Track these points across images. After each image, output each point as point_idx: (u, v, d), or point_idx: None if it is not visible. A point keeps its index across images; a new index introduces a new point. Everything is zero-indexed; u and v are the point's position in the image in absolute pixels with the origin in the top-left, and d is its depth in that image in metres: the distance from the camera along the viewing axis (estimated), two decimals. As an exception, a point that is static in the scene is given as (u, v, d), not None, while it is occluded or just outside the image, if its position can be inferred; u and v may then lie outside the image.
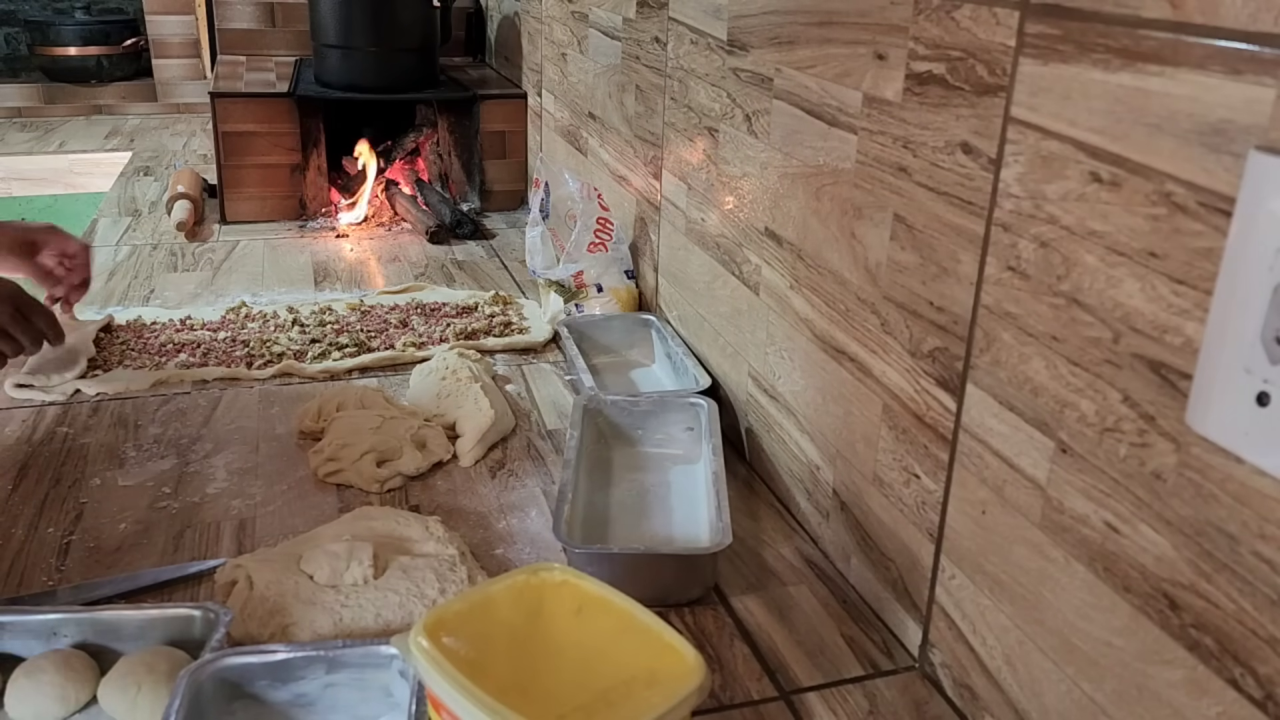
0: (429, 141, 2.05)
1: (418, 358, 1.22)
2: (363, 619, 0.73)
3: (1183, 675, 0.51)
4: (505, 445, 1.05)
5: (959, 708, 0.71)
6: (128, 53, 3.00)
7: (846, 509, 0.85)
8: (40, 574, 0.81)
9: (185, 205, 1.73)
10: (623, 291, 1.32)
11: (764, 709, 0.71)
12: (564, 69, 1.66)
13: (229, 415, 1.08)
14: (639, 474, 0.98)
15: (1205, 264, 0.48)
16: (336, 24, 1.82)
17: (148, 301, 1.40)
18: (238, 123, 1.74)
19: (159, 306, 1.37)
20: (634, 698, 0.52)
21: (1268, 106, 0.44)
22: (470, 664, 0.53)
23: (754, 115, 0.96)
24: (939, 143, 0.68)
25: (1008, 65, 0.60)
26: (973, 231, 0.65)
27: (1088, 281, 0.55)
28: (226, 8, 2.22)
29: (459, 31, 2.30)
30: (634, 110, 1.32)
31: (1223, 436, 0.47)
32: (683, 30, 1.12)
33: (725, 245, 1.05)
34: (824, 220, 0.84)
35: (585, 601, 0.59)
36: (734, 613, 0.81)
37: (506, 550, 0.87)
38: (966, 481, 0.68)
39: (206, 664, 0.64)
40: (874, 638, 0.79)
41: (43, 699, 0.65)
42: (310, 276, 1.53)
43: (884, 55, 0.73)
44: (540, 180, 1.38)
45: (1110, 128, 0.53)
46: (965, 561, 0.69)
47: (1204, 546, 0.49)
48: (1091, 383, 0.56)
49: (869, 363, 0.79)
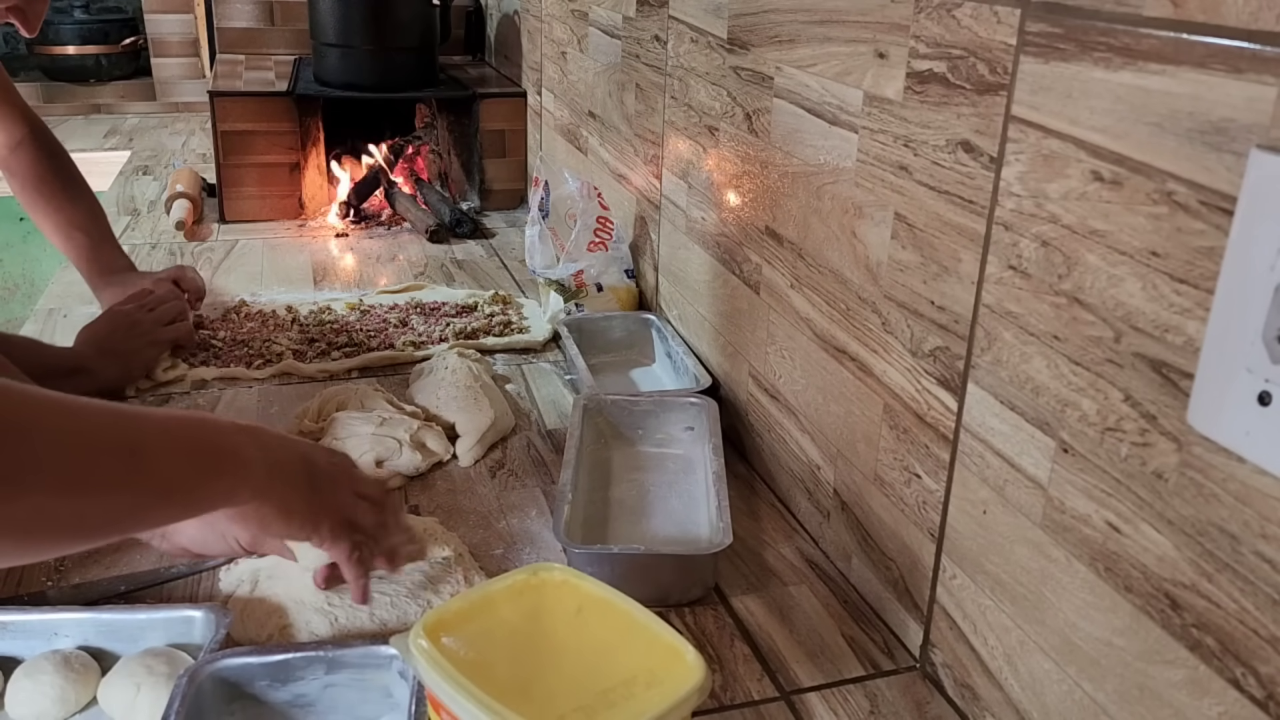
0: (427, 146, 2.05)
1: (417, 357, 1.22)
2: (358, 619, 0.73)
3: (1184, 675, 0.51)
4: (505, 445, 1.05)
5: (960, 708, 0.71)
6: (127, 52, 3.00)
7: (847, 509, 0.85)
8: (39, 574, 0.81)
9: (184, 204, 1.73)
10: (623, 291, 1.32)
11: (764, 709, 0.71)
12: (564, 67, 1.66)
13: (228, 415, 1.08)
14: (639, 474, 0.97)
15: (1207, 263, 0.47)
16: (336, 23, 1.81)
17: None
18: (237, 122, 1.74)
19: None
20: (634, 698, 0.52)
21: (1269, 105, 0.44)
22: (470, 664, 0.53)
23: (754, 114, 0.96)
24: (940, 141, 0.68)
25: (1009, 64, 0.60)
26: (974, 230, 0.65)
27: (1089, 280, 0.55)
28: (225, 6, 2.22)
29: (458, 30, 2.30)
30: (634, 109, 1.31)
31: (1224, 436, 0.47)
32: (683, 29, 1.12)
33: (726, 244, 1.05)
34: (825, 219, 0.84)
35: (585, 601, 0.59)
36: (734, 613, 0.81)
37: (506, 550, 0.87)
38: (968, 481, 0.68)
39: (206, 664, 0.64)
40: (875, 638, 0.78)
41: (43, 699, 0.65)
42: (309, 276, 1.53)
43: (885, 54, 0.73)
44: (540, 179, 1.38)
45: (1111, 126, 0.53)
46: (966, 561, 0.69)
47: (1205, 546, 0.49)
48: (1093, 382, 0.56)
49: (870, 362, 0.79)
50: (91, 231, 1.30)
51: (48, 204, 1.29)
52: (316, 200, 1.83)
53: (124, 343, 1.13)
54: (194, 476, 0.60)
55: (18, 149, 1.28)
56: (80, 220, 1.29)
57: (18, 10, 0.99)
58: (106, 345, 1.12)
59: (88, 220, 1.30)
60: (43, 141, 1.30)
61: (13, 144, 1.28)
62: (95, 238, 1.30)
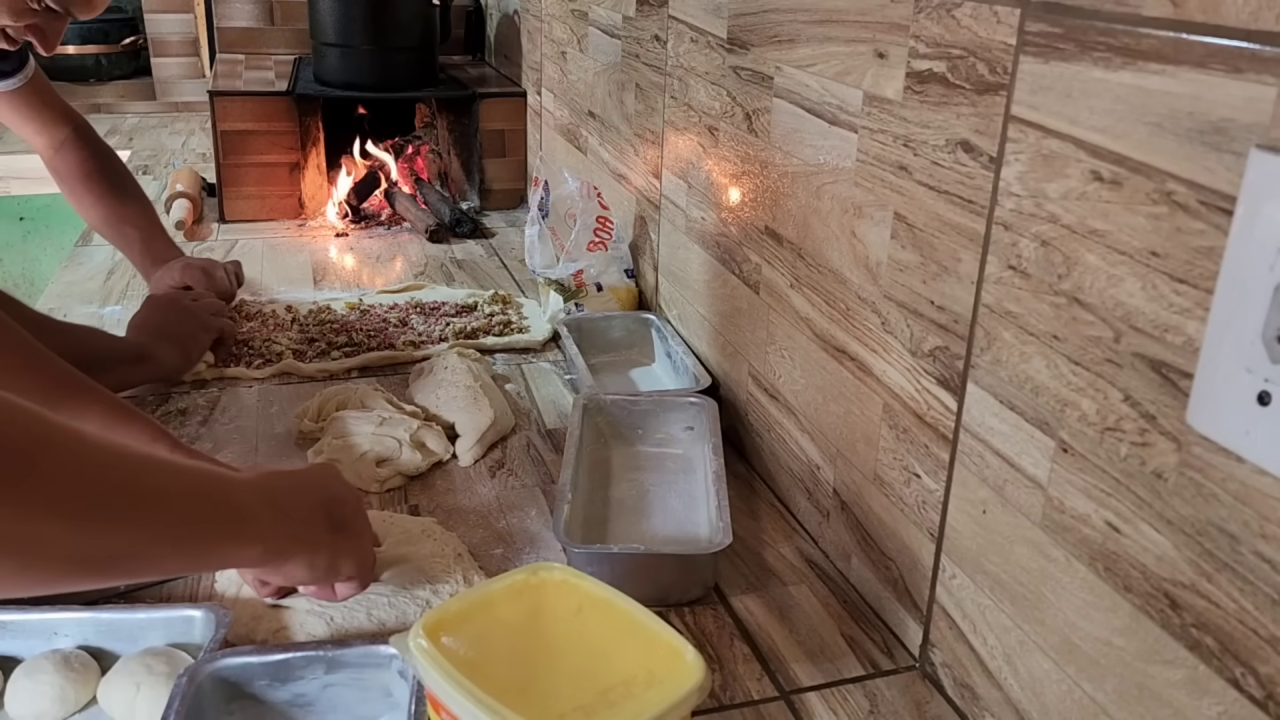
0: (427, 146, 2.05)
1: (417, 357, 1.22)
2: (355, 619, 0.73)
3: (1183, 675, 0.51)
4: (505, 445, 1.05)
5: (959, 707, 0.71)
6: (126, 51, 3.00)
7: (847, 508, 0.85)
8: (39, 574, 0.81)
9: (184, 204, 1.73)
10: (623, 290, 1.32)
11: (764, 709, 0.71)
12: (564, 67, 1.66)
13: (228, 415, 1.08)
14: (639, 474, 0.97)
15: (1206, 263, 0.48)
16: (335, 22, 1.81)
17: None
18: (236, 121, 1.74)
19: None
20: (634, 698, 0.52)
21: (1269, 105, 0.44)
22: (470, 664, 0.53)
23: (754, 114, 0.96)
24: (939, 141, 0.68)
25: (1008, 64, 0.60)
26: (973, 230, 0.65)
27: (1089, 280, 0.55)
28: (225, 6, 2.22)
29: (458, 30, 2.30)
30: (634, 108, 1.31)
31: (1224, 436, 0.47)
32: (683, 28, 1.12)
33: (725, 244, 1.05)
34: (824, 219, 0.84)
35: (585, 601, 0.59)
36: (734, 613, 0.81)
37: (506, 550, 0.87)
38: (967, 481, 0.68)
39: (205, 664, 0.64)
40: (874, 637, 0.79)
41: (43, 699, 0.65)
42: (309, 275, 1.53)
43: (884, 53, 0.73)
44: (540, 179, 1.38)
45: (1111, 126, 0.53)
46: (966, 561, 0.69)
47: (1205, 546, 0.49)
48: (1092, 382, 0.56)
49: (869, 362, 0.79)
50: (143, 225, 1.32)
51: (97, 201, 1.30)
52: (316, 200, 1.83)
53: (179, 328, 1.14)
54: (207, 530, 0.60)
55: (62, 149, 1.29)
56: (131, 215, 1.32)
57: (37, 29, 0.99)
58: (163, 331, 1.12)
59: (138, 215, 1.33)
60: (87, 140, 1.31)
61: (56, 145, 1.30)
62: (147, 232, 1.32)
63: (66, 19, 1.01)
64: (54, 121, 1.29)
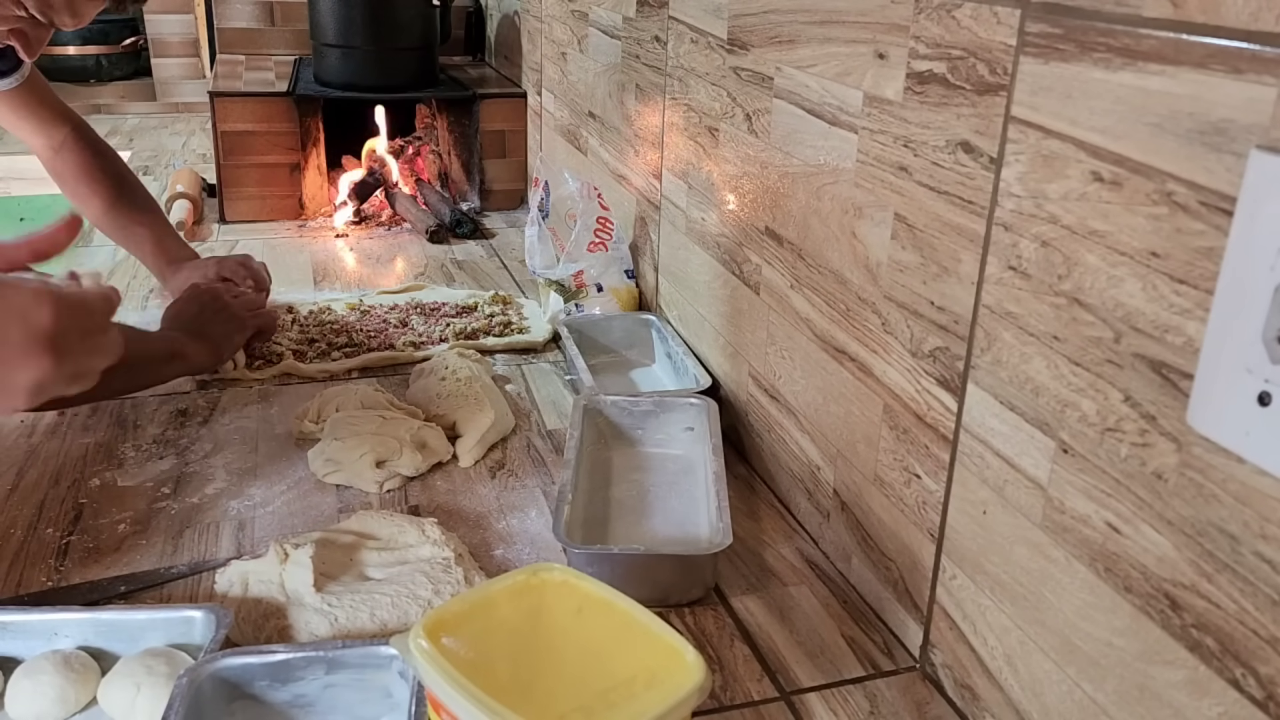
0: (427, 146, 2.05)
1: (417, 358, 1.22)
2: (358, 620, 0.73)
3: (1184, 676, 0.51)
4: (505, 445, 1.05)
5: (960, 708, 0.71)
6: (127, 52, 3.01)
7: (847, 509, 0.85)
8: (39, 574, 0.81)
9: (184, 205, 1.73)
10: (623, 291, 1.32)
11: (764, 709, 0.71)
12: (564, 68, 1.66)
13: (228, 415, 1.08)
14: (639, 474, 0.97)
15: (1206, 263, 0.48)
16: (336, 23, 1.82)
17: (147, 302, 1.40)
18: (237, 122, 1.74)
19: (158, 307, 1.37)
20: (634, 698, 0.52)
21: (1269, 106, 0.44)
22: (470, 664, 0.53)
23: (754, 114, 0.96)
24: (940, 142, 0.68)
25: (1009, 64, 0.60)
26: (974, 231, 0.65)
27: (1089, 281, 0.55)
28: (225, 6, 2.22)
29: (458, 30, 2.30)
30: (634, 109, 1.31)
31: (1224, 436, 0.47)
32: (683, 29, 1.12)
33: (725, 245, 1.05)
34: (824, 220, 0.84)
35: (585, 602, 0.59)
36: (734, 613, 0.81)
37: (506, 550, 0.87)
38: (967, 481, 0.68)
39: (206, 664, 0.64)
40: (875, 638, 0.79)
41: (43, 699, 0.65)
42: (309, 276, 1.53)
43: (885, 54, 0.73)
44: (540, 179, 1.38)
45: (1111, 127, 0.53)
46: (966, 562, 0.69)
47: (1205, 547, 0.49)
48: (1093, 382, 0.56)
49: (870, 362, 0.79)
50: (152, 225, 1.32)
51: (102, 202, 1.29)
52: (316, 200, 1.83)
53: (213, 325, 1.14)
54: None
55: (62, 149, 1.28)
56: (138, 215, 1.31)
57: (20, 34, 0.98)
58: (195, 328, 1.12)
59: (145, 214, 1.32)
60: (87, 140, 1.30)
61: (56, 146, 1.28)
62: (157, 231, 1.32)
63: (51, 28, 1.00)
64: (52, 122, 1.28)
